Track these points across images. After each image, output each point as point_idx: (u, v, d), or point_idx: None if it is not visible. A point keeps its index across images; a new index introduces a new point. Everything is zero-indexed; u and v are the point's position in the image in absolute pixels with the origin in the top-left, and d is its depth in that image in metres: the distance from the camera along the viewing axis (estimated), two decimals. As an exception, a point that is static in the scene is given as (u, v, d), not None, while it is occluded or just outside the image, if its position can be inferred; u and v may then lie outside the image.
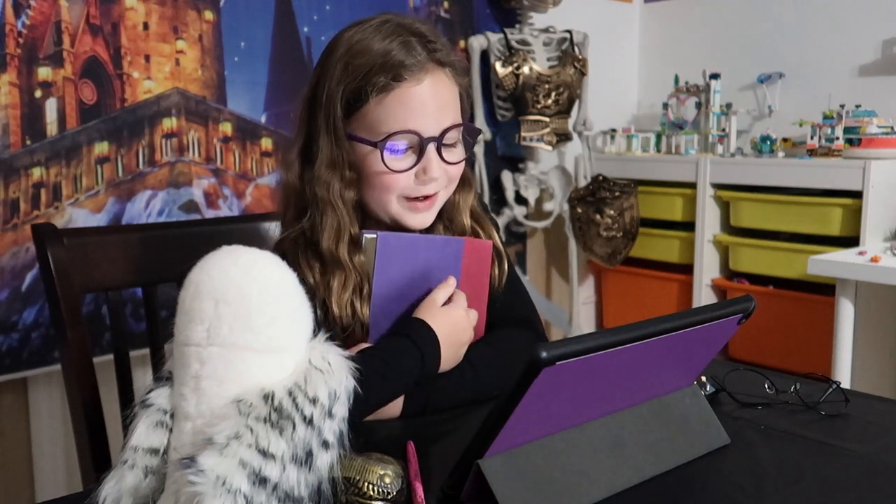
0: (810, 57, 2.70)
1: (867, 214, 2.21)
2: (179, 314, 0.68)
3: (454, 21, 2.48)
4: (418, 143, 1.01)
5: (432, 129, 1.01)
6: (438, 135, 1.01)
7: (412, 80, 0.99)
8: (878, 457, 0.84)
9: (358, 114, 1.01)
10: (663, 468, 0.80)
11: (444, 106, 1.03)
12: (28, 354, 1.70)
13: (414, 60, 0.99)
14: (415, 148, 1.02)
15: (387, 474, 0.71)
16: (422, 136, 1.01)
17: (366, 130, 1.01)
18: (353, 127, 1.02)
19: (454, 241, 1.08)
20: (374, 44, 1.00)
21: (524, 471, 0.71)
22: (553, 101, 2.53)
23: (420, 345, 0.97)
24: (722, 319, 0.81)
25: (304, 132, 1.05)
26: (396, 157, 1.01)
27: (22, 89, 1.67)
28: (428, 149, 1.01)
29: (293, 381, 0.66)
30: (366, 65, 0.99)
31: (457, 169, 1.06)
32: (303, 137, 1.05)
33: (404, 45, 1.00)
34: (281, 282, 0.68)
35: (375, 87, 0.99)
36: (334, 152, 1.02)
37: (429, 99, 1.01)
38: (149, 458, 0.67)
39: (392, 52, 0.99)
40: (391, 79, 0.99)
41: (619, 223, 2.67)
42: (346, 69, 1.00)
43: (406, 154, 1.02)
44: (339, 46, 1.02)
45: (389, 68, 0.98)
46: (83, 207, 1.77)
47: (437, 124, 1.01)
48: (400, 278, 1.03)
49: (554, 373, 0.65)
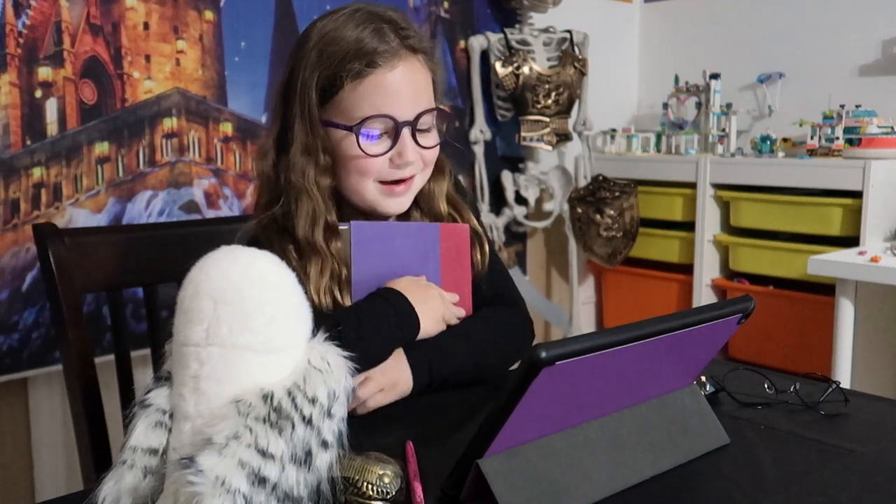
0: (810, 57, 2.70)
1: (867, 214, 2.21)
2: (178, 314, 0.68)
3: (454, 21, 2.48)
4: (393, 128, 1.04)
5: (407, 114, 1.04)
6: (413, 119, 1.04)
7: (386, 66, 1.02)
8: (878, 457, 0.84)
9: (333, 100, 1.03)
10: (663, 468, 0.80)
11: (418, 91, 1.05)
12: (28, 354, 1.70)
13: (387, 47, 1.02)
14: (390, 132, 1.04)
15: (386, 474, 0.71)
16: (396, 120, 1.03)
17: (341, 116, 1.03)
18: (328, 113, 1.04)
19: (429, 227, 1.10)
20: (347, 32, 1.02)
21: (524, 471, 0.71)
22: (553, 101, 2.53)
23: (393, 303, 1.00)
24: (722, 319, 0.81)
25: (279, 121, 1.07)
26: (372, 142, 1.04)
27: (22, 89, 1.67)
28: (403, 133, 1.04)
29: (292, 381, 0.66)
30: (340, 52, 1.01)
31: (431, 153, 1.09)
32: (278, 126, 1.07)
33: (377, 32, 1.02)
34: (280, 282, 0.68)
35: (350, 73, 1.01)
36: (309, 139, 1.04)
37: (403, 84, 1.03)
38: (148, 458, 0.67)
39: (365, 40, 1.01)
40: (365, 65, 1.01)
41: (619, 223, 2.67)
42: (320, 57, 1.02)
43: (381, 138, 1.04)
44: (312, 36, 1.04)
45: (363, 55, 1.01)
46: (83, 207, 1.77)
47: (411, 109, 1.04)
48: (378, 266, 1.05)
49: (554, 373, 0.65)
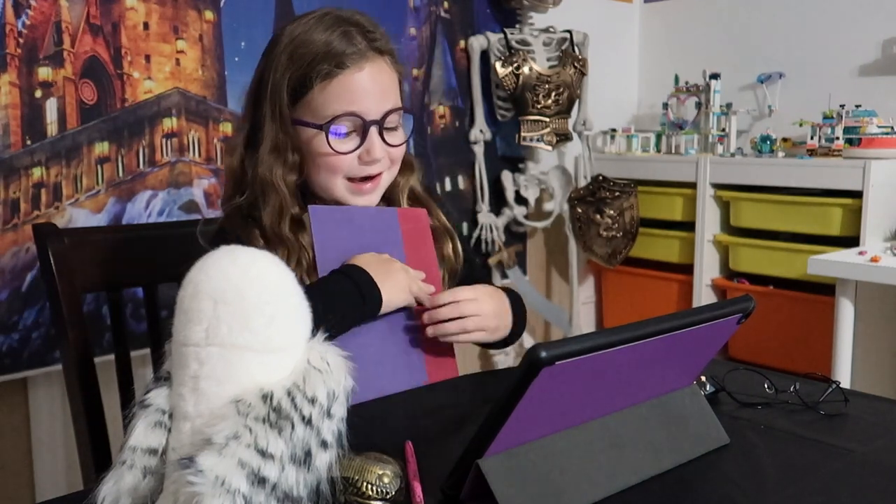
0: (810, 57, 2.70)
1: (867, 214, 2.20)
2: (178, 314, 0.68)
3: (454, 21, 2.48)
4: (361, 126, 1.08)
5: (374, 113, 1.08)
6: (380, 118, 1.09)
7: (354, 67, 1.06)
8: (878, 457, 0.84)
9: (303, 100, 1.08)
10: (663, 468, 0.80)
11: (385, 91, 1.10)
12: (28, 354, 1.70)
13: (355, 49, 1.07)
14: (358, 131, 1.09)
15: (385, 474, 0.71)
16: (364, 118, 1.08)
17: (311, 115, 1.08)
18: (298, 113, 1.08)
19: (387, 211, 1.14)
20: (317, 35, 1.06)
21: (524, 471, 0.71)
22: (553, 101, 2.53)
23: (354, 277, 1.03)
24: (721, 319, 0.81)
25: (249, 120, 1.11)
26: (340, 140, 1.08)
27: (22, 89, 1.67)
28: (370, 131, 1.08)
29: (292, 381, 0.66)
30: (309, 54, 1.06)
31: (398, 151, 1.13)
32: (248, 125, 1.11)
33: (345, 35, 1.07)
34: (280, 281, 0.68)
35: (319, 74, 1.06)
36: (279, 137, 1.08)
37: (370, 84, 1.08)
38: (147, 458, 0.67)
39: (334, 43, 1.06)
40: (334, 66, 1.06)
41: (619, 223, 2.67)
42: (290, 59, 1.07)
43: (350, 136, 1.09)
44: (282, 39, 1.09)
45: (332, 57, 1.06)
46: (83, 207, 1.77)
47: (378, 108, 1.09)
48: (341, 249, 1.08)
49: (553, 372, 0.65)
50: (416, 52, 2.39)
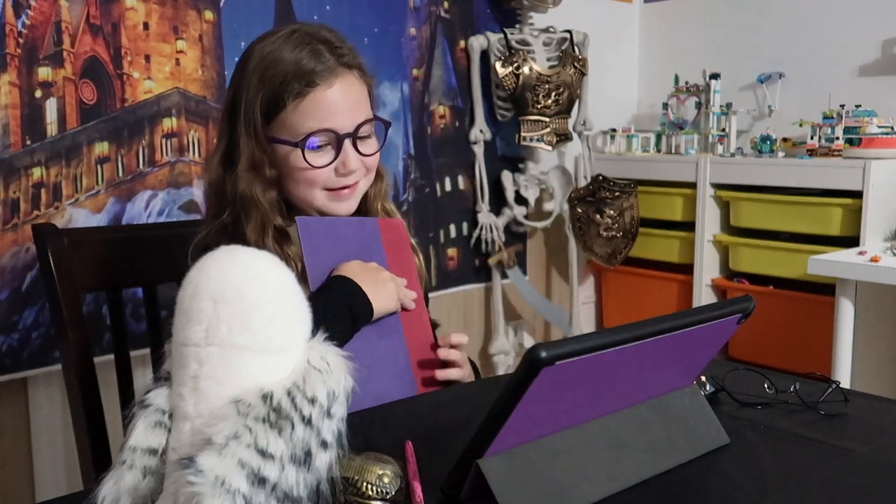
0: (810, 57, 2.70)
1: (867, 214, 2.21)
2: (178, 314, 0.68)
3: (454, 21, 2.48)
4: (335, 140, 1.11)
5: (347, 127, 1.11)
6: (353, 131, 1.12)
7: (324, 84, 1.09)
8: (878, 457, 0.84)
9: (277, 118, 1.10)
10: (663, 468, 0.80)
11: (356, 104, 1.13)
12: (28, 354, 1.70)
13: (324, 66, 1.09)
14: (332, 144, 1.12)
15: (385, 474, 0.71)
16: (338, 133, 1.11)
17: (286, 132, 1.11)
18: (273, 131, 1.11)
19: (368, 221, 1.18)
20: (286, 54, 1.09)
21: (524, 470, 0.71)
22: (553, 101, 2.53)
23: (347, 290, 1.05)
24: (721, 319, 0.81)
25: (225, 139, 1.14)
26: (316, 154, 1.11)
27: (22, 89, 1.67)
28: (345, 144, 1.11)
29: (292, 381, 0.66)
30: (280, 74, 1.08)
31: (373, 160, 1.17)
32: (224, 143, 1.13)
33: (313, 52, 1.09)
34: (279, 281, 0.68)
35: (291, 93, 1.08)
36: (255, 155, 1.10)
37: (341, 99, 1.10)
38: (147, 458, 0.67)
39: (303, 61, 1.08)
40: (305, 85, 1.08)
41: (619, 223, 2.67)
42: (261, 79, 1.09)
43: (325, 151, 1.12)
44: (252, 59, 1.11)
45: (302, 76, 1.08)
46: (83, 207, 1.77)
47: (350, 121, 1.11)
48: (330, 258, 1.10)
49: (553, 372, 0.65)
50: (416, 52, 2.39)
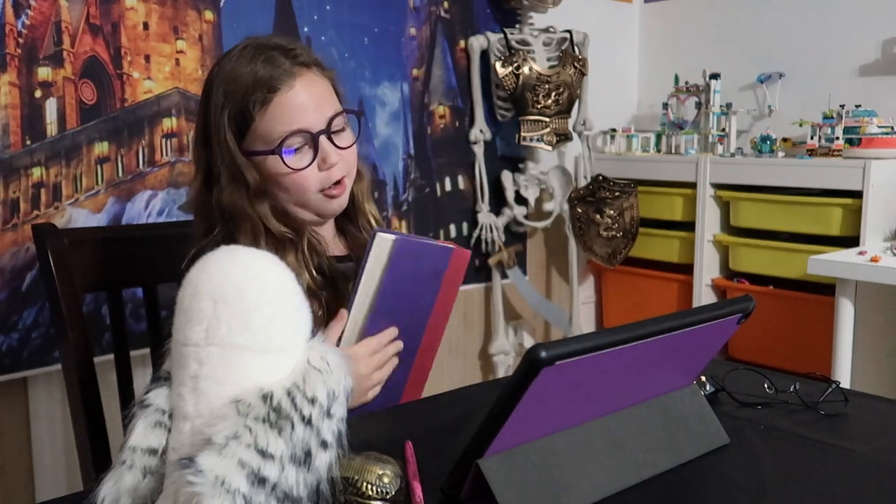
0: (810, 57, 2.70)
1: (867, 214, 2.20)
2: (178, 314, 0.68)
3: (454, 21, 2.48)
4: (310, 139, 1.12)
5: (318, 123, 1.12)
6: (325, 126, 1.12)
7: (285, 86, 1.10)
8: (878, 457, 0.84)
9: (249, 132, 1.11)
10: (663, 468, 0.80)
11: (321, 99, 1.14)
12: (28, 354, 1.70)
13: (281, 70, 1.11)
14: (309, 144, 1.12)
15: (385, 474, 0.71)
16: (311, 131, 1.12)
17: (261, 142, 1.12)
18: (248, 144, 1.12)
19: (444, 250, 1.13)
20: (242, 68, 1.11)
21: (523, 471, 0.71)
22: (553, 101, 2.52)
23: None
24: (721, 319, 0.81)
25: (203, 164, 1.15)
26: (295, 157, 1.12)
27: (22, 89, 1.67)
28: (320, 140, 1.12)
29: (292, 382, 0.66)
30: (241, 87, 1.10)
31: (351, 152, 1.17)
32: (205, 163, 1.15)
33: (268, 60, 1.11)
34: (279, 282, 0.68)
35: (255, 103, 1.10)
36: (234, 170, 1.12)
37: (305, 98, 1.11)
38: (147, 458, 0.67)
39: (259, 71, 1.10)
40: (266, 92, 1.10)
41: (619, 223, 2.67)
42: (226, 96, 1.11)
43: (303, 152, 1.13)
44: (215, 80, 1.13)
45: (262, 83, 1.10)
46: (83, 207, 1.77)
47: (320, 117, 1.12)
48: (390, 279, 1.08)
49: (553, 372, 0.65)
50: (416, 52, 2.39)
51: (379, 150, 2.30)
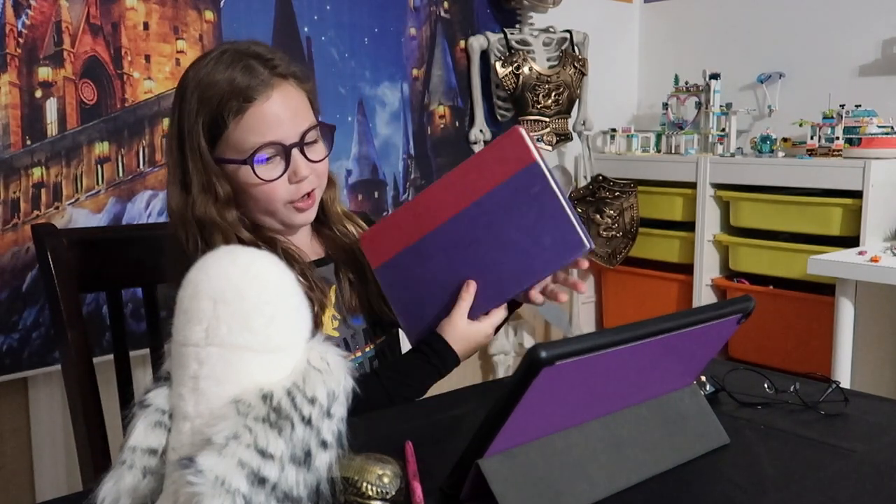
0: (810, 57, 2.70)
1: (867, 214, 2.20)
2: (178, 314, 0.68)
3: (454, 21, 2.48)
4: (283, 151, 1.10)
5: (292, 136, 1.11)
6: (298, 139, 1.11)
7: (261, 97, 1.09)
8: (878, 457, 0.84)
9: (221, 139, 1.10)
10: (663, 468, 0.80)
11: (297, 112, 1.12)
12: (28, 354, 1.70)
13: (258, 80, 1.09)
14: (280, 156, 1.11)
15: (385, 474, 0.71)
16: (284, 143, 1.10)
17: (233, 151, 1.10)
18: (220, 151, 1.11)
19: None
20: (219, 74, 1.09)
21: (523, 471, 0.71)
22: (553, 101, 2.53)
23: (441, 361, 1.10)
24: (721, 319, 0.81)
25: (178, 166, 1.13)
26: (266, 168, 1.10)
27: (22, 89, 1.67)
28: (293, 153, 1.11)
29: (292, 382, 0.66)
30: (217, 95, 1.08)
31: (323, 165, 1.16)
32: (178, 170, 1.13)
33: (246, 68, 1.09)
34: (279, 281, 0.68)
35: (230, 111, 1.08)
36: (205, 178, 1.10)
37: (280, 110, 1.10)
38: (147, 458, 0.67)
39: (237, 79, 1.08)
40: (242, 101, 1.08)
41: (619, 223, 2.67)
42: (200, 103, 1.09)
43: (274, 163, 1.11)
44: (188, 84, 1.11)
45: (238, 93, 1.08)
46: (83, 207, 1.77)
47: (294, 130, 1.11)
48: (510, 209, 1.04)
49: (553, 373, 0.65)
50: (416, 52, 2.39)
51: (379, 150, 2.30)
